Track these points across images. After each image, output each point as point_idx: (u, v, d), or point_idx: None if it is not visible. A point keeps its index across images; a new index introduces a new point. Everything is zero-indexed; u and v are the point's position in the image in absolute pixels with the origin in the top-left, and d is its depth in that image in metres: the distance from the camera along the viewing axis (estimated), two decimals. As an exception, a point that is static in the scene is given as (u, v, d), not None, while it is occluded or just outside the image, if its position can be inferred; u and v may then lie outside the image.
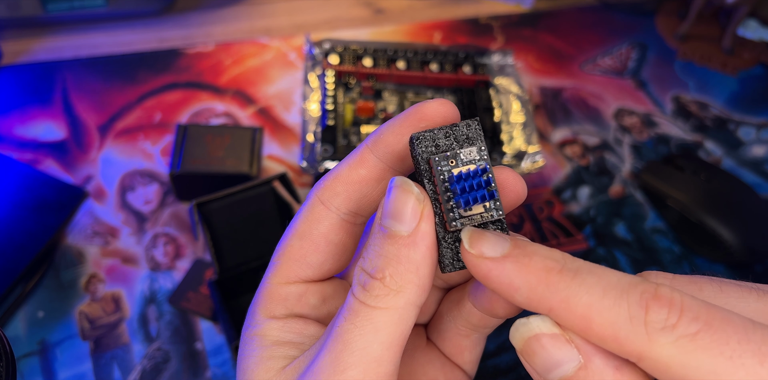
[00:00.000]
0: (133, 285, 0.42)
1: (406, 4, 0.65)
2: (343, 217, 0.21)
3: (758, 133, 0.57)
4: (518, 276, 0.17)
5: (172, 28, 0.60)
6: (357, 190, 0.21)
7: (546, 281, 0.17)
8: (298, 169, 0.49)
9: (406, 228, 0.18)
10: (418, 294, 0.18)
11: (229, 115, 0.53)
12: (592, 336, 0.16)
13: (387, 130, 0.20)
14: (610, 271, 0.17)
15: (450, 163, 0.19)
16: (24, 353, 0.39)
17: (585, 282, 0.16)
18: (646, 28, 0.66)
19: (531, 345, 0.17)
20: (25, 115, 0.51)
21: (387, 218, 0.18)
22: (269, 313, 0.22)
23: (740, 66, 0.63)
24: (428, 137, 0.19)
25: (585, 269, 0.17)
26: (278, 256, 0.22)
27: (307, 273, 0.22)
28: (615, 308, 0.16)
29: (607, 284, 0.16)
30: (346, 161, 0.21)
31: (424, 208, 0.18)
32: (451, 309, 0.23)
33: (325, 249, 0.22)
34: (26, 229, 0.42)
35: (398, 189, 0.19)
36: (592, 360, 0.16)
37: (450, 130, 0.19)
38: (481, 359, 0.42)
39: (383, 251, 0.18)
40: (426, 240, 0.18)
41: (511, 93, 0.49)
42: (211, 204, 0.39)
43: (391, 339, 0.18)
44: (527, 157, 0.44)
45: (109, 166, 0.48)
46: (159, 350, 0.40)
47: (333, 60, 0.47)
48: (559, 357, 0.17)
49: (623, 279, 0.16)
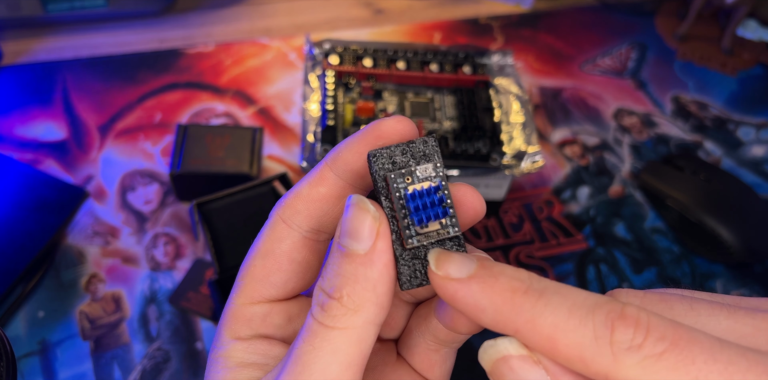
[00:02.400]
0: (134, 285, 0.42)
1: (406, 5, 0.65)
2: (305, 235, 0.21)
3: (758, 133, 0.58)
4: (484, 297, 0.17)
5: (172, 28, 0.60)
6: (318, 207, 0.21)
7: (512, 302, 0.17)
8: (298, 169, 0.49)
9: (363, 247, 0.18)
10: (377, 313, 0.18)
11: (230, 115, 0.53)
12: (558, 356, 0.16)
13: (345, 147, 0.20)
14: (576, 291, 0.17)
15: (406, 180, 0.19)
16: (24, 353, 0.39)
17: (551, 302, 0.16)
18: (646, 28, 0.66)
19: (499, 367, 0.17)
20: (25, 115, 0.51)
21: (344, 237, 0.18)
22: (234, 334, 0.22)
23: (740, 66, 0.63)
24: (385, 154, 0.19)
25: (551, 289, 0.17)
26: (242, 277, 0.22)
27: (271, 293, 0.22)
28: (580, 328, 0.16)
29: (572, 304, 0.16)
30: (306, 179, 0.21)
31: (380, 226, 0.18)
32: (420, 324, 0.23)
33: (288, 268, 0.22)
34: (27, 229, 0.42)
35: (354, 207, 0.19)
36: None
37: (407, 147, 0.19)
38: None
39: (341, 270, 0.18)
40: (383, 258, 0.18)
41: (511, 93, 0.49)
42: (211, 204, 0.39)
43: (350, 360, 0.18)
44: (527, 157, 0.44)
45: (110, 166, 0.48)
46: (159, 350, 0.40)
47: (333, 60, 0.47)
48: (527, 378, 0.17)
49: (589, 298, 0.16)
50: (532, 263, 0.47)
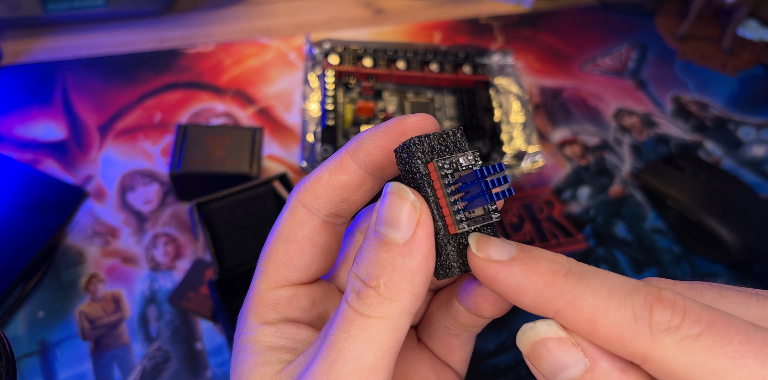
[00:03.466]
0: (133, 285, 0.42)
1: (406, 4, 0.65)
2: (324, 219, 0.22)
3: (758, 133, 0.58)
4: (525, 279, 0.17)
5: (172, 28, 0.60)
6: (337, 194, 0.21)
7: (552, 284, 0.17)
8: (298, 169, 0.49)
9: (402, 236, 0.18)
10: (413, 302, 0.18)
11: (229, 115, 0.53)
12: (597, 337, 0.16)
13: (368, 139, 0.20)
14: (614, 275, 0.17)
15: (452, 166, 0.19)
16: (24, 353, 0.39)
17: (590, 284, 0.17)
18: (646, 28, 0.66)
19: (538, 349, 0.17)
20: (25, 115, 0.51)
21: (382, 224, 0.18)
22: (261, 319, 0.22)
23: (740, 66, 0.63)
24: (424, 142, 0.19)
25: (590, 272, 0.17)
26: (264, 261, 0.22)
27: (295, 276, 0.22)
28: (620, 310, 0.16)
29: (611, 286, 0.17)
30: (327, 165, 0.21)
31: (421, 215, 0.18)
32: (440, 309, 0.23)
33: (311, 251, 0.22)
34: (26, 229, 0.42)
35: (393, 195, 0.18)
36: (598, 363, 0.17)
37: (442, 137, 0.19)
38: (481, 359, 0.42)
39: (378, 258, 0.18)
40: (422, 248, 0.18)
41: (511, 93, 0.49)
42: (211, 204, 0.39)
43: (385, 348, 0.18)
44: (527, 157, 0.44)
45: (109, 166, 0.48)
46: (159, 350, 0.40)
47: (333, 60, 0.47)
48: (565, 360, 0.17)
49: (627, 282, 0.17)
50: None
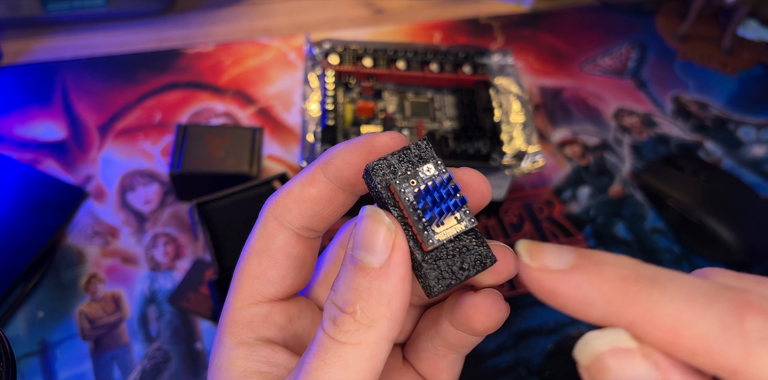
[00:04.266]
0: (133, 285, 0.42)
1: (406, 4, 0.65)
2: (297, 231, 0.21)
3: (758, 133, 0.58)
4: (592, 289, 0.15)
5: (172, 28, 0.60)
6: (309, 207, 0.21)
7: (624, 292, 0.15)
8: (298, 169, 0.49)
9: (378, 260, 0.18)
10: (390, 328, 0.18)
11: (229, 115, 0.53)
12: (680, 350, 0.15)
13: (338, 154, 0.20)
14: (686, 276, 0.15)
15: (411, 184, 0.19)
16: (24, 353, 0.39)
17: (667, 290, 0.15)
18: (646, 28, 0.66)
19: (603, 361, 0.15)
20: (25, 115, 0.51)
21: (358, 249, 0.18)
22: (236, 339, 0.21)
23: (740, 66, 0.63)
24: (383, 165, 0.19)
25: (663, 276, 0.15)
26: (237, 278, 0.22)
27: (269, 290, 0.21)
28: (706, 317, 0.14)
29: (689, 290, 0.15)
30: (298, 178, 0.21)
31: (396, 238, 0.18)
32: (429, 329, 0.23)
33: (285, 263, 0.21)
34: (26, 229, 0.42)
35: (368, 219, 0.18)
36: (670, 377, 0.15)
37: (402, 154, 0.19)
38: (481, 359, 0.42)
39: (354, 284, 0.18)
40: (398, 271, 0.18)
41: (511, 93, 0.49)
42: (211, 204, 0.39)
43: (362, 376, 0.17)
44: (527, 157, 0.44)
45: (109, 166, 0.48)
46: (159, 350, 0.40)
47: (333, 60, 0.47)
48: (635, 373, 0.15)
49: (704, 285, 0.15)
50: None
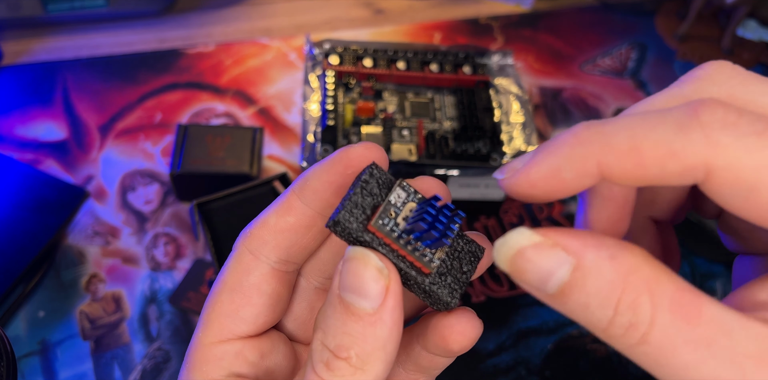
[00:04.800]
0: (134, 285, 0.42)
1: (406, 5, 0.65)
2: (273, 266, 0.20)
3: (758, 133, 0.58)
4: (555, 155, 0.16)
5: (172, 28, 0.60)
6: (286, 237, 0.20)
7: (581, 142, 0.15)
8: (298, 169, 0.49)
9: (372, 305, 0.17)
10: (385, 369, 0.17)
11: (230, 115, 0.53)
12: (648, 166, 0.14)
13: (313, 176, 0.19)
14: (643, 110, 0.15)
15: (390, 215, 0.18)
16: (25, 353, 0.39)
17: (616, 121, 0.15)
18: (646, 28, 0.66)
19: (517, 262, 0.16)
20: (25, 115, 0.51)
21: (348, 292, 0.17)
22: (205, 376, 0.20)
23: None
24: (348, 210, 0.18)
25: (611, 119, 0.16)
26: (208, 313, 0.21)
27: (241, 329, 0.20)
28: (661, 125, 0.14)
29: (642, 111, 0.15)
30: (273, 208, 0.20)
31: (390, 283, 0.17)
32: (399, 354, 0.22)
33: (258, 302, 0.20)
34: (27, 229, 0.42)
35: (357, 262, 0.17)
36: (584, 257, 0.15)
37: (362, 188, 0.18)
38: (481, 359, 0.42)
39: (347, 328, 0.17)
40: (394, 316, 0.17)
41: (511, 93, 0.49)
42: (211, 205, 0.39)
43: None
44: (527, 157, 0.44)
45: (110, 166, 0.48)
46: (159, 350, 0.40)
47: (333, 60, 0.47)
48: (549, 264, 0.15)
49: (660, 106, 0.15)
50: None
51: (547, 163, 0.16)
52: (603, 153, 0.15)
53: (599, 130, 0.15)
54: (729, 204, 0.14)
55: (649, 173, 0.15)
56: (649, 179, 0.15)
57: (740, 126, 0.14)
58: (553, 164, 0.16)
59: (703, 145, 0.14)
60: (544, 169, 0.16)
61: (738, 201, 0.14)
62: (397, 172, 0.43)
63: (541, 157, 0.16)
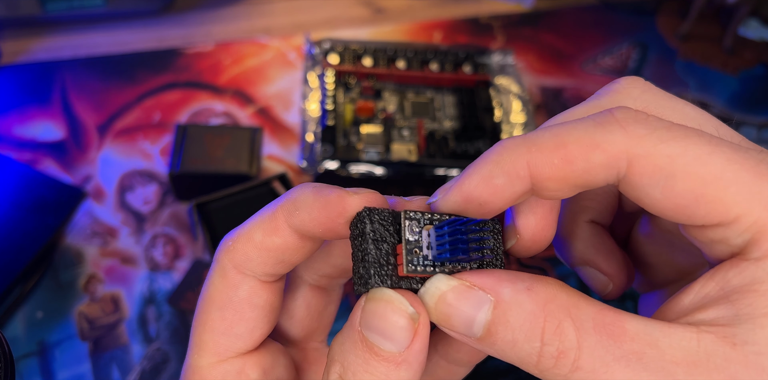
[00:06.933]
0: (133, 285, 0.42)
1: (406, 4, 0.65)
2: (260, 278, 0.19)
3: (759, 133, 0.57)
4: (476, 173, 0.17)
5: (171, 27, 0.59)
6: (272, 256, 0.19)
7: (510, 154, 0.16)
8: (297, 169, 0.49)
9: (398, 348, 0.16)
10: None
11: (229, 114, 0.52)
12: (574, 161, 0.15)
13: (304, 208, 0.18)
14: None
15: (415, 253, 0.17)
16: (23, 353, 0.39)
17: (541, 128, 0.16)
18: (647, 27, 0.66)
19: (440, 309, 0.16)
20: (23, 115, 0.51)
21: (372, 332, 0.16)
22: None
23: (741, 66, 0.63)
24: (375, 273, 0.16)
25: (532, 132, 0.17)
26: (199, 333, 0.20)
27: (238, 345, 0.20)
28: (581, 124, 0.16)
29: (562, 120, 0.17)
30: (259, 223, 0.19)
31: (419, 327, 0.16)
32: None
33: (252, 316, 0.19)
34: (25, 230, 0.42)
35: (383, 304, 0.16)
36: (501, 292, 0.15)
37: (374, 241, 0.17)
38: (481, 360, 0.41)
39: (369, 367, 0.16)
40: (419, 358, 0.16)
41: (512, 93, 0.49)
42: (210, 205, 0.39)
43: None
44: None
45: (108, 166, 0.48)
46: (158, 350, 0.40)
47: (333, 59, 0.47)
48: (470, 307, 0.16)
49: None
50: (533, 263, 0.47)
51: (477, 173, 0.16)
52: (530, 152, 0.16)
53: (524, 137, 0.16)
54: (647, 196, 0.15)
55: (577, 168, 0.15)
56: (576, 175, 0.16)
57: (651, 121, 0.15)
58: (483, 172, 0.16)
59: (622, 136, 0.15)
60: (476, 179, 0.16)
61: (655, 191, 0.15)
62: (397, 172, 0.43)
63: (471, 169, 0.17)
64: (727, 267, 0.15)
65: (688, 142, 0.15)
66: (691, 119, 0.18)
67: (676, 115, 0.18)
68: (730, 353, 0.14)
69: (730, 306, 0.15)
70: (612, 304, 0.16)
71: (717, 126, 0.18)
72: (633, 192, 0.16)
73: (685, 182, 0.15)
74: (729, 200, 0.14)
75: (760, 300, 0.14)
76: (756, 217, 0.14)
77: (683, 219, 0.15)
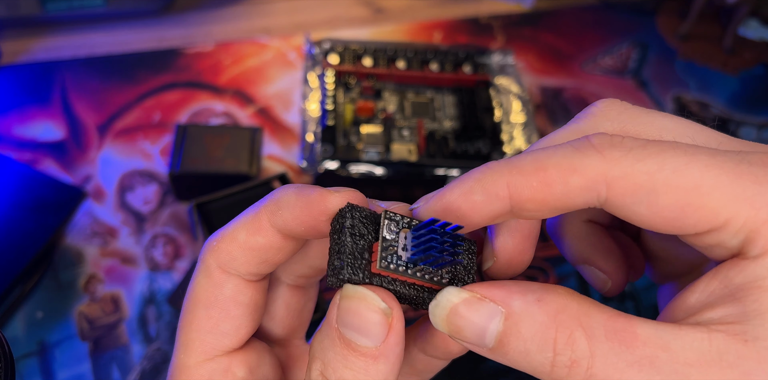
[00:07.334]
0: (133, 285, 0.42)
1: (406, 4, 0.65)
2: (245, 277, 0.20)
3: (759, 133, 0.57)
4: (458, 187, 0.17)
5: (171, 27, 0.59)
6: (256, 255, 0.19)
7: (491, 176, 0.17)
8: (297, 169, 0.49)
9: (374, 343, 0.17)
10: None
11: (229, 114, 0.52)
12: (552, 184, 0.16)
13: (287, 207, 0.18)
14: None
15: (391, 250, 0.17)
16: (23, 353, 0.39)
17: (523, 153, 0.17)
18: (647, 27, 0.66)
19: (452, 321, 0.17)
20: (23, 115, 0.51)
21: (348, 329, 0.17)
22: None
23: (741, 66, 0.63)
24: (349, 264, 0.17)
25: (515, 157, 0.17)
26: (186, 332, 0.20)
27: (224, 343, 0.20)
28: (559, 149, 0.16)
29: (543, 145, 0.17)
30: (243, 223, 0.19)
31: (393, 321, 0.17)
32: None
33: (237, 313, 0.20)
34: (25, 230, 0.42)
35: (356, 301, 0.17)
36: (511, 304, 0.16)
37: (352, 235, 0.17)
38: (481, 359, 0.41)
39: (348, 363, 0.17)
40: (396, 351, 0.17)
41: (512, 93, 0.49)
42: (210, 205, 0.39)
43: None
44: (528, 157, 0.44)
45: (108, 166, 0.48)
46: (158, 350, 0.40)
47: (333, 60, 0.47)
48: (481, 318, 0.16)
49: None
50: (533, 264, 0.46)
51: (459, 187, 0.17)
52: (511, 174, 0.16)
53: (508, 160, 0.17)
54: (634, 214, 0.16)
55: (555, 191, 0.16)
56: (555, 198, 0.16)
57: (626, 142, 0.16)
58: (464, 187, 0.17)
59: (599, 160, 0.16)
60: (457, 192, 0.17)
61: (641, 208, 0.15)
62: (397, 172, 0.43)
63: (454, 183, 0.17)
64: (729, 266, 0.15)
65: (665, 156, 0.15)
66: (669, 131, 0.18)
67: (654, 129, 0.19)
68: (743, 350, 0.14)
69: (736, 303, 0.15)
70: (611, 304, 0.16)
71: (694, 133, 0.18)
72: (620, 212, 0.16)
73: (667, 195, 0.15)
74: (714, 205, 0.15)
75: (765, 296, 0.14)
76: (745, 217, 0.15)
77: (675, 230, 0.16)
